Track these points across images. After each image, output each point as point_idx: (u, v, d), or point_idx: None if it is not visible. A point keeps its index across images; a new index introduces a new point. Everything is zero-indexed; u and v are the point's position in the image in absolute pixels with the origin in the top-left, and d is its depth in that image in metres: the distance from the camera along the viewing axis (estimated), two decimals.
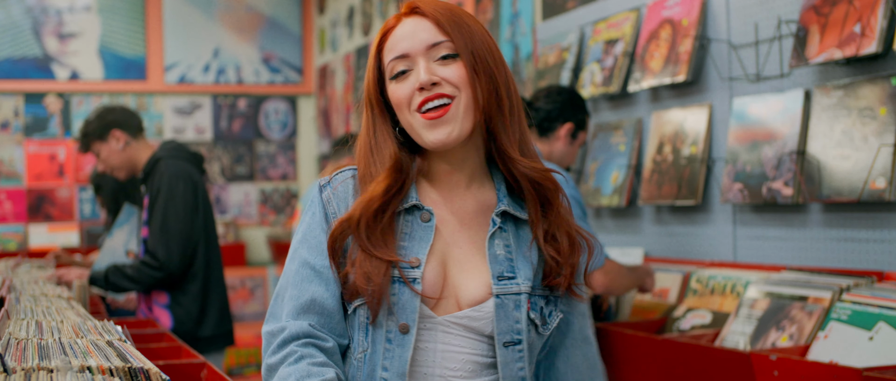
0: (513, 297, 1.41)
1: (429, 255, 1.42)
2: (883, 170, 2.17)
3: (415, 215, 1.44)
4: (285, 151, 7.16)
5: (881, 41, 2.17)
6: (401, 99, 1.42)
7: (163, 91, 6.81)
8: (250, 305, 6.66)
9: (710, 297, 2.66)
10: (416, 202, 1.44)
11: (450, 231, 1.45)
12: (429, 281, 1.40)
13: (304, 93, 7.18)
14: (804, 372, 1.94)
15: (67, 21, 6.57)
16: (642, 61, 3.01)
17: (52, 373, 1.16)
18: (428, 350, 1.41)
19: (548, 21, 3.73)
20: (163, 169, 3.27)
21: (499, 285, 1.41)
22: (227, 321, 3.39)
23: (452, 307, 1.42)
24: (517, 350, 1.41)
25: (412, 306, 1.39)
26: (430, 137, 1.39)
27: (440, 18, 1.42)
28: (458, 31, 1.42)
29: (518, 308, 1.41)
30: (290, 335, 1.38)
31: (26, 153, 6.51)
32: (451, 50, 1.41)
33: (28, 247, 6.27)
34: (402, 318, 1.39)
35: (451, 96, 1.39)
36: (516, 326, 1.41)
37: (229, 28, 6.97)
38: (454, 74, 1.40)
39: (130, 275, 3.21)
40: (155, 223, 3.21)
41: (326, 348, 1.39)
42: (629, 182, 3.09)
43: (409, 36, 1.43)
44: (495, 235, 1.44)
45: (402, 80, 1.42)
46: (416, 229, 1.43)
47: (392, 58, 1.43)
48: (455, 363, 1.41)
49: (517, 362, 1.41)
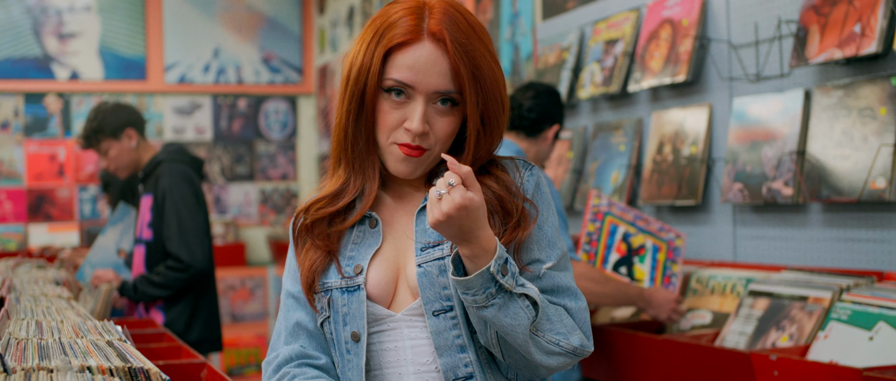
0: (436, 263, 1.37)
1: (374, 258, 1.41)
2: (883, 170, 2.17)
3: (364, 225, 1.44)
4: (285, 151, 7.16)
5: (881, 41, 2.17)
6: (385, 122, 1.36)
7: (163, 91, 6.80)
8: (250, 305, 6.66)
9: (710, 297, 2.66)
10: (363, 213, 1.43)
11: (401, 227, 1.43)
12: (375, 283, 1.40)
13: (304, 93, 7.18)
14: (804, 372, 1.94)
15: (67, 21, 6.57)
16: (642, 61, 3.01)
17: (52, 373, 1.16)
18: (398, 349, 1.39)
19: (548, 21, 3.73)
20: (166, 171, 3.27)
21: (422, 255, 1.38)
22: (216, 327, 3.40)
23: (408, 300, 1.40)
24: (450, 317, 1.36)
25: (360, 313, 1.39)
26: (398, 167, 1.38)
27: (458, 62, 1.33)
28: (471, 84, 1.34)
29: (443, 273, 1.36)
30: (283, 359, 1.44)
31: (26, 153, 6.51)
32: (456, 99, 1.35)
33: (28, 247, 6.27)
34: (352, 327, 1.40)
35: (426, 150, 1.36)
36: (444, 292, 1.36)
37: (229, 28, 6.97)
38: (444, 128, 1.36)
39: (158, 282, 3.21)
40: (171, 227, 3.21)
41: (319, 365, 1.43)
42: (629, 182, 3.09)
43: (422, 70, 1.33)
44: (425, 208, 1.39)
45: (395, 102, 1.35)
46: (365, 236, 1.43)
47: (397, 78, 1.34)
48: (426, 356, 1.39)
49: (452, 329, 1.36)
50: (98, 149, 3.39)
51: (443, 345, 1.37)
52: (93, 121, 3.37)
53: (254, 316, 6.64)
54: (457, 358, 1.37)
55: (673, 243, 2.73)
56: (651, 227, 2.73)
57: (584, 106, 3.43)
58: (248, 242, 7.02)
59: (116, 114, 3.36)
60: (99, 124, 3.35)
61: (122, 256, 3.66)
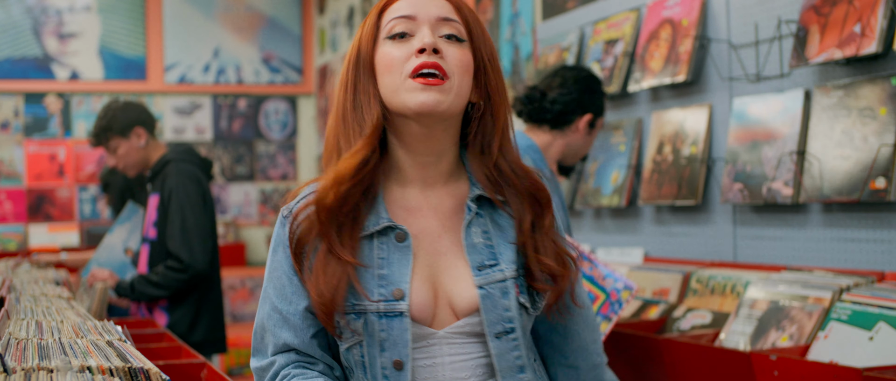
0: (498, 285, 1.33)
1: (411, 279, 1.31)
2: (883, 170, 2.17)
3: (389, 237, 1.33)
4: (285, 151, 7.16)
5: (881, 41, 2.17)
6: (393, 60, 1.30)
7: (163, 91, 6.80)
8: (250, 305, 6.66)
9: (710, 297, 2.66)
10: (388, 223, 1.33)
11: (430, 241, 1.35)
12: (417, 305, 1.31)
13: (304, 93, 7.18)
14: (804, 372, 1.94)
15: (67, 21, 6.57)
16: (642, 61, 3.01)
17: (52, 373, 1.16)
18: (436, 366, 1.33)
19: (548, 21, 3.73)
20: (173, 171, 3.26)
21: (481, 276, 1.32)
22: (220, 328, 3.38)
23: (449, 318, 1.33)
24: (511, 340, 1.33)
25: (403, 340, 1.30)
26: (417, 96, 1.26)
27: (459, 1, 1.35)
28: (472, 19, 1.35)
29: (506, 296, 1.33)
30: (279, 366, 1.36)
31: (26, 153, 6.51)
32: (461, 34, 1.33)
33: (28, 247, 6.26)
34: (394, 355, 1.30)
35: (447, 75, 1.28)
36: (506, 314, 1.33)
37: (229, 28, 6.97)
38: (457, 57, 1.31)
39: (156, 282, 3.18)
40: (174, 226, 3.19)
41: (318, 369, 1.37)
42: (629, 182, 3.09)
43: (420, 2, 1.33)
44: (472, 223, 1.36)
45: (399, 41, 1.31)
46: (392, 252, 1.32)
47: (395, 16, 1.32)
48: (465, 372, 1.34)
49: (512, 351, 1.34)
50: (107, 147, 3.38)
51: (505, 367, 1.34)
52: (102, 119, 3.36)
53: (253, 316, 6.64)
54: (517, 378, 1.35)
55: (616, 295, 2.35)
56: (596, 272, 2.37)
57: None
58: (248, 242, 7.02)
59: (126, 112, 3.35)
60: (108, 122, 3.34)
61: (129, 255, 3.65)
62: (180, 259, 3.17)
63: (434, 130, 1.33)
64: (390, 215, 1.34)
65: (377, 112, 1.31)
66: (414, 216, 1.36)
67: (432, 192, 1.38)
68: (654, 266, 2.95)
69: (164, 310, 3.27)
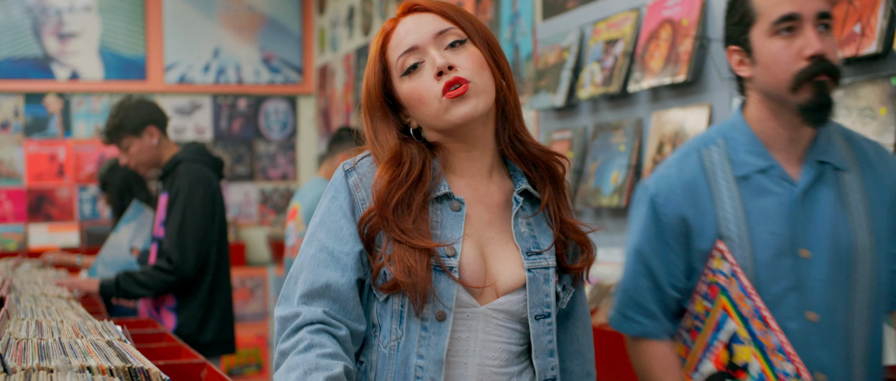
0: (542, 271, 1.44)
1: (463, 242, 1.42)
2: None
3: (444, 205, 1.44)
4: (285, 151, 7.16)
5: (881, 41, 2.18)
6: (421, 91, 1.41)
7: (163, 91, 6.81)
8: (250, 305, 6.66)
9: None
10: (447, 191, 1.44)
11: (481, 222, 1.46)
12: (468, 269, 1.41)
13: (304, 93, 7.18)
14: None
15: (67, 21, 6.57)
16: (642, 61, 3.01)
17: (52, 373, 1.16)
18: (469, 340, 1.41)
19: (548, 21, 3.73)
20: (183, 172, 3.25)
21: (529, 260, 1.44)
22: (228, 329, 3.36)
23: (491, 296, 1.43)
24: (547, 323, 1.45)
25: (449, 294, 1.39)
26: (457, 112, 1.39)
27: (441, 8, 1.44)
28: (461, 17, 1.44)
29: (547, 282, 1.44)
30: (303, 320, 1.36)
31: (26, 153, 6.51)
32: (459, 36, 1.43)
33: (28, 247, 6.27)
34: (438, 305, 1.39)
35: (467, 80, 1.39)
36: (546, 299, 1.45)
37: (229, 28, 6.97)
38: (467, 59, 1.41)
39: (142, 281, 3.16)
40: (172, 227, 3.18)
41: (339, 336, 1.37)
42: (629, 182, 3.09)
43: (414, 29, 1.43)
44: (518, 214, 1.47)
45: (415, 74, 1.42)
46: (446, 217, 1.43)
47: (401, 54, 1.43)
48: (493, 353, 1.43)
49: (547, 334, 1.45)
50: (119, 145, 3.37)
51: (539, 348, 1.44)
52: (115, 117, 3.35)
53: (254, 316, 6.65)
54: (547, 361, 1.45)
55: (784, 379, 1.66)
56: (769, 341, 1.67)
57: (584, 106, 3.43)
58: (247, 242, 7.02)
59: (139, 111, 3.34)
60: (121, 121, 3.33)
61: (134, 254, 3.65)
62: (170, 260, 3.15)
63: (476, 129, 1.44)
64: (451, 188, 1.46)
65: (393, 143, 1.44)
66: (466, 197, 1.47)
67: (480, 185, 1.48)
68: None
69: (172, 311, 3.26)
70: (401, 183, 1.41)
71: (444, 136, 1.45)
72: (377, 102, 1.46)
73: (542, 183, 1.49)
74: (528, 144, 1.48)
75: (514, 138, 1.47)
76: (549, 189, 1.49)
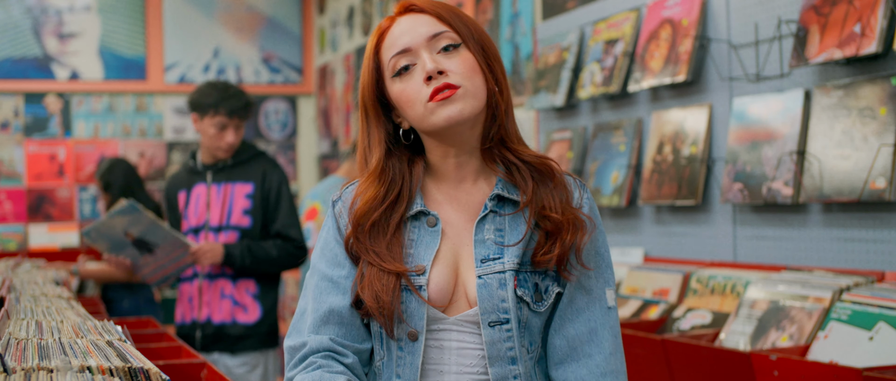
0: (496, 276, 1.41)
1: (434, 260, 1.42)
2: (883, 170, 2.17)
3: (421, 221, 1.45)
4: (285, 151, 7.16)
5: (881, 41, 2.18)
6: (409, 94, 1.41)
7: (163, 91, 6.80)
8: None
9: (710, 297, 2.66)
10: (421, 208, 1.45)
11: (457, 232, 1.46)
12: (435, 286, 1.41)
13: (304, 93, 7.18)
14: (804, 372, 1.94)
15: (67, 21, 6.57)
16: (642, 61, 3.01)
17: (52, 373, 1.16)
18: (443, 349, 1.42)
19: (548, 21, 3.73)
20: (271, 164, 3.47)
21: (481, 267, 1.42)
22: None
23: (463, 307, 1.43)
24: (505, 330, 1.41)
25: (419, 314, 1.40)
26: (442, 113, 1.38)
27: (438, 10, 1.44)
28: (457, 21, 1.44)
29: (503, 287, 1.41)
30: (310, 349, 1.42)
31: (26, 153, 6.51)
32: (454, 40, 1.42)
33: (28, 247, 6.26)
34: (410, 325, 1.41)
35: (457, 86, 1.39)
36: (502, 305, 1.41)
37: (229, 28, 6.97)
38: (459, 64, 1.41)
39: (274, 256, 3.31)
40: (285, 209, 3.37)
41: (346, 363, 1.42)
42: (629, 182, 3.09)
43: (408, 31, 1.43)
44: (486, 219, 1.45)
45: (406, 76, 1.42)
46: (422, 234, 1.44)
47: (393, 54, 1.43)
48: (471, 360, 1.42)
49: (505, 341, 1.41)
50: (242, 122, 3.44)
51: (495, 355, 1.41)
52: (242, 96, 3.46)
53: None
54: (507, 369, 1.42)
55: None
56: None
57: (584, 106, 3.43)
58: None
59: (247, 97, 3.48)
60: (250, 99, 3.50)
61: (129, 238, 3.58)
62: (293, 237, 3.35)
63: (462, 133, 1.43)
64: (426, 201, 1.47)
65: (379, 154, 1.46)
66: (444, 209, 1.47)
67: (463, 188, 1.48)
68: (653, 266, 2.95)
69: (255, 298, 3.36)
70: (377, 206, 1.43)
71: (431, 138, 1.46)
72: (371, 100, 1.47)
73: (525, 183, 1.45)
74: (517, 152, 1.45)
75: (500, 144, 1.46)
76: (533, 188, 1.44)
